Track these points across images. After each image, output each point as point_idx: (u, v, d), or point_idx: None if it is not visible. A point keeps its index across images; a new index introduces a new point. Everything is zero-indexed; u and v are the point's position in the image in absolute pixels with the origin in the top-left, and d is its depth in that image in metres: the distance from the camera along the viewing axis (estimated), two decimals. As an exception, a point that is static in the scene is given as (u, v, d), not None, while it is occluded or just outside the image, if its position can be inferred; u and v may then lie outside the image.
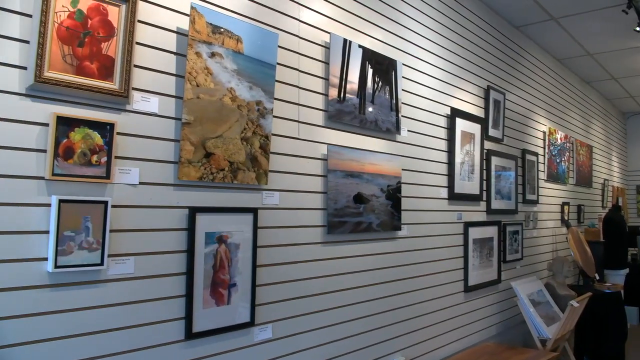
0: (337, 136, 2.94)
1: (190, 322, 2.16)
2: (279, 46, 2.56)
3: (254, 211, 2.42)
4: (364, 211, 3.04)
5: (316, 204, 2.79)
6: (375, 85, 3.19)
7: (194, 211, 2.18)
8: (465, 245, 4.18)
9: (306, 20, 2.80)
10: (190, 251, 2.17)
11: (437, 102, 3.90)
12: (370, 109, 3.13)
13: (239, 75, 2.33)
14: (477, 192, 4.34)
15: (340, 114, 2.93)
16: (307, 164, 2.75)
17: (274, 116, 2.53)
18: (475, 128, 4.33)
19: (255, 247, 2.42)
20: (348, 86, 2.98)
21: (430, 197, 3.76)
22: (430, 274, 3.72)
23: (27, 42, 1.76)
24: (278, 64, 2.54)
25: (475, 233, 4.29)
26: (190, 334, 2.16)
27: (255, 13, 2.51)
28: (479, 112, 4.48)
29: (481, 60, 4.57)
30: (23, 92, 1.76)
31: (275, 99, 2.53)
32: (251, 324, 2.41)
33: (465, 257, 4.17)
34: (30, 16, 1.77)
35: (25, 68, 1.76)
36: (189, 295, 2.17)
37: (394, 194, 3.28)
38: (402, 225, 3.38)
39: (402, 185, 3.39)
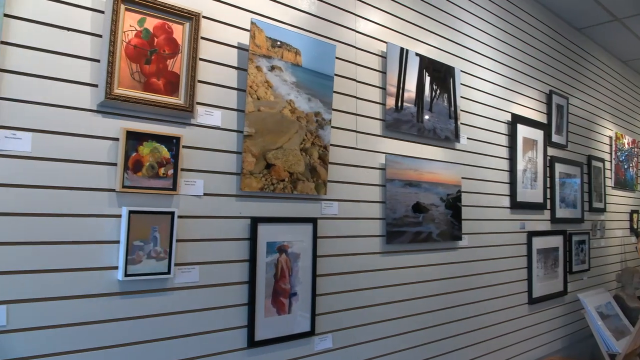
0: (395, 145, 2.92)
1: (252, 330, 2.19)
2: (337, 57, 2.58)
3: (313, 221, 2.43)
4: (423, 221, 2.99)
5: (375, 213, 2.78)
6: (433, 93, 3.15)
7: (255, 221, 2.21)
8: (529, 255, 4.03)
9: (363, 30, 2.80)
10: (252, 260, 2.21)
11: (497, 108, 3.80)
12: (428, 117, 3.09)
13: (297, 88, 2.36)
14: (540, 200, 4.19)
15: (398, 123, 2.91)
16: (365, 174, 2.74)
17: (332, 127, 2.54)
18: (537, 134, 4.19)
19: (315, 256, 2.43)
20: (405, 95, 2.96)
21: (492, 206, 3.66)
22: (492, 285, 3.61)
23: (97, 61, 1.86)
24: (336, 75, 2.56)
25: (539, 243, 4.14)
26: (252, 342, 2.19)
27: (312, 25, 2.54)
28: (541, 117, 4.34)
29: (542, 64, 4.42)
30: (95, 108, 1.85)
31: (333, 109, 2.54)
32: (311, 333, 2.41)
33: (529, 267, 4.02)
34: (100, 36, 1.87)
35: (96, 85, 1.85)
36: (251, 304, 2.20)
37: (453, 203, 3.21)
38: (462, 235, 3.30)
39: (462, 194, 3.32)
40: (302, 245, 2.39)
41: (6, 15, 1.67)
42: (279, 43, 2.29)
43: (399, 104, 2.92)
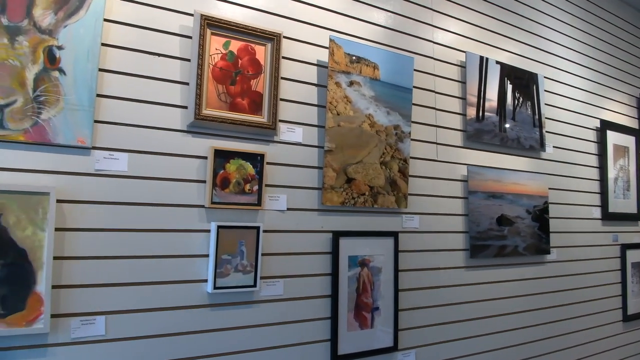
0: (477, 156, 2.84)
1: (335, 344, 2.19)
2: (415, 69, 2.55)
3: (394, 235, 2.40)
4: (508, 234, 2.88)
5: (457, 226, 2.71)
6: (516, 101, 3.03)
7: (337, 235, 2.22)
8: (623, 269, 3.76)
9: (440, 41, 2.76)
10: (334, 274, 2.21)
11: (585, 114, 3.60)
12: (511, 126, 2.98)
13: (376, 101, 2.35)
14: (634, 210, 3.91)
15: (480, 133, 2.82)
16: (446, 186, 2.68)
17: (412, 139, 2.51)
18: (629, 141, 3.92)
19: (396, 270, 2.39)
20: (487, 104, 2.87)
21: (581, 217, 3.46)
22: (583, 301, 3.40)
23: (186, 83, 1.95)
24: (414, 87, 2.53)
25: (634, 256, 3.86)
26: (335, 356, 2.19)
27: (390, 39, 2.53)
28: (632, 123, 4.06)
29: (631, 66, 4.15)
30: (185, 128, 1.94)
31: (413, 122, 2.51)
32: (394, 348, 2.38)
33: (624, 282, 3.75)
34: (188, 60, 1.96)
35: (186, 107, 1.94)
36: (334, 318, 2.20)
37: (540, 215, 3.07)
38: (550, 249, 3.14)
39: (549, 205, 3.16)
40: (384, 259, 2.37)
41: (103, 44, 1.79)
42: (357, 58, 2.30)
43: (480, 114, 2.83)
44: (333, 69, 2.22)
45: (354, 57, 2.29)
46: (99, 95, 1.77)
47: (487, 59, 2.90)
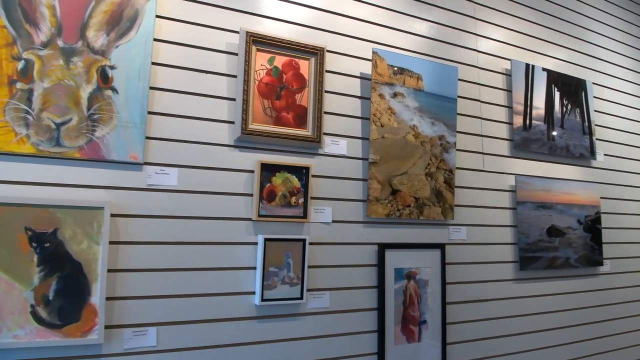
0: (524, 166, 2.76)
1: (382, 358, 2.15)
2: (459, 79, 2.51)
3: (441, 247, 2.36)
4: (559, 245, 2.78)
5: (506, 238, 2.63)
6: (564, 109, 2.94)
7: (383, 247, 2.19)
8: (684, 282, 3.57)
9: (485, 49, 2.71)
10: (380, 287, 2.18)
11: (637, 121, 3.45)
12: (559, 134, 2.89)
13: (420, 112, 2.33)
14: (694, 220, 3.71)
15: (527, 142, 2.75)
16: (494, 197, 2.61)
17: (457, 149, 2.47)
18: (687, 147, 3.73)
19: (444, 283, 2.34)
20: (534, 112, 2.80)
21: (636, 227, 3.31)
22: (638, 315, 3.23)
23: (233, 99, 1.98)
24: (459, 96, 2.49)
25: (695, 268, 3.65)
26: (383, 370, 2.16)
27: (433, 49, 2.50)
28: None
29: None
30: (232, 143, 1.97)
31: (458, 132, 2.47)
32: (443, 362, 2.33)
33: (685, 295, 3.56)
34: (234, 77, 1.99)
35: (232, 122, 1.97)
36: (380, 331, 2.17)
37: (592, 225, 2.95)
38: (603, 260, 3.01)
39: (602, 215, 3.04)
40: (430, 272, 2.32)
41: (153, 63, 1.84)
42: (400, 70, 2.29)
43: (527, 122, 2.76)
44: (376, 81, 2.22)
45: (397, 69, 2.28)
46: (150, 113, 1.82)
47: (533, 66, 2.83)
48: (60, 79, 1.68)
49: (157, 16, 1.85)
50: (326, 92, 2.15)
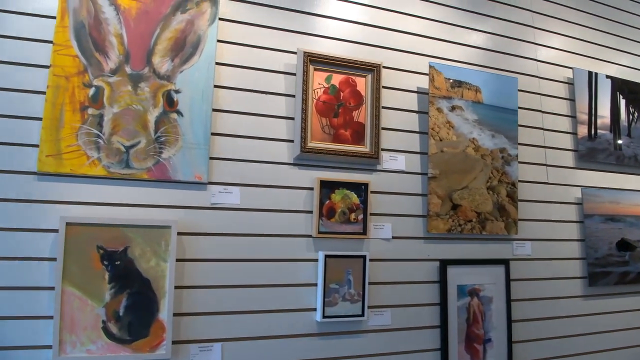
0: (590, 177, 2.63)
1: (446, 377, 2.09)
2: (519, 89, 2.44)
3: (505, 262, 2.27)
4: (630, 259, 2.62)
5: (573, 253, 2.51)
6: (631, 117, 2.80)
7: (444, 264, 2.14)
8: None
9: (544, 58, 2.62)
10: (443, 304, 2.12)
11: None
12: (626, 143, 2.74)
13: (480, 125, 2.27)
14: None
15: (593, 152, 2.62)
16: (559, 210, 2.50)
17: (520, 162, 2.38)
18: None
19: (509, 300, 2.25)
20: (599, 121, 2.67)
21: None
22: None
23: (292, 118, 2.00)
24: (519, 107, 2.41)
25: None
26: (447, 390, 2.09)
27: (491, 61, 2.44)
28: None
29: None
30: (291, 161, 1.98)
31: (520, 144, 2.39)
32: (510, 382, 2.23)
33: None
34: (293, 96, 2.01)
35: (292, 141, 1.99)
36: (443, 350, 2.10)
37: (667, 239, 2.77)
38: (681, 275, 2.82)
39: (678, 227, 2.85)
40: (495, 288, 2.24)
41: (215, 86, 1.89)
42: (458, 83, 2.25)
43: (593, 132, 2.64)
44: (434, 95, 2.18)
45: (454, 82, 2.24)
46: (213, 134, 1.86)
47: (596, 73, 2.71)
48: (128, 104, 1.75)
49: (219, 40, 1.90)
50: (383, 107, 2.13)
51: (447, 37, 2.35)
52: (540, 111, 2.54)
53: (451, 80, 2.23)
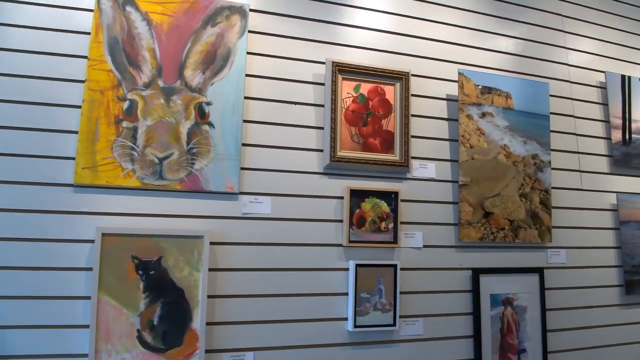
0: (626, 183, 2.56)
1: (480, 387, 2.05)
2: (550, 95, 2.39)
3: (539, 271, 2.22)
4: (670, 267, 2.53)
5: (609, 260, 2.44)
6: (668, 121, 2.71)
7: (477, 272, 2.10)
8: None
9: (576, 63, 2.57)
10: (476, 314, 2.08)
11: None
12: (664, 149, 2.66)
13: (511, 131, 2.23)
14: None
15: (628, 157, 2.55)
16: (594, 217, 2.44)
17: (552, 168, 2.33)
18: None
19: (543, 309, 2.20)
20: (633, 125, 2.60)
21: None
22: None
23: (321, 128, 2.00)
24: (551, 113, 2.36)
25: None
26: (481, 401, 2.04)
27: (521, 66, 2.40)
28: None
29: None
30: (321, 171, 1.98)
31: (552, 150, 2.34)
32: (546, 394, 2.17)
33: None
34: (322, 106, 2.01)
35: (321, 150, 1.98)
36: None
37: None
38: None
39: None
40: (529, 298, 2.19)
41: (246, 97, 1.90)
42: (488, 89, 2.21)
43: (627, 137, 2.57)
44: (463, 101, 2.15)
45: (484, 88, 2.20)
46: (244, 145, 1.87)
47: (629, 77, 2.64)
48: (161, 116, 1.77)
49: (248, 53, 1.92)
50: (412, 115, 2.12)
51: (475, 44, 2.32)
52: (572, 116, 2.48)
53: (481, 87, 2.20)
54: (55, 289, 1.65)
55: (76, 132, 1.71)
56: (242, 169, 1.87)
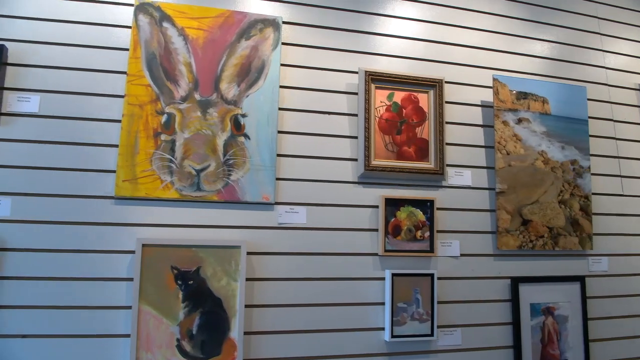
0: (670, 188, 2.47)
1: (522, 399, 1.99)
2: (588, 99, 2.32)
3: (580, 279, 2.15)
4: None
5: (654, 268, 2.35)
6: None
7: (516, 281, 2.04)
8: None
9: (613, 65, 2.49)
10: (515, 323, 2.03)
11: None
12: None
13: (549, 137, 2.17)
14: None
15: (671, 161, 2.45)
16: (637, 223, 2.35)
17: (592, 174, 2.26)
18: None
19: (585, 319, 2.12)
20: (676, 129, 2.50)
21: None
22: None
23: (355, 137, 1.99)
24: (589, 117, 2.29)
25: None
26: (523, 413, 1.98)
27: (557, 71, 2.34)
28: None
29: None
30: (356, 180, 1.96)
31: (592, 155, 2.27)
32: (590, 406, 2.09)
33: None
34: (355, 115, 2.00)
35: (355, 160, 1.97)
36: (518, 370, 2.01)
37: None
38: None
39: None
40: (570, 307, 2.12)
41: (280, 109, 1.90)
42: (523, 94, 2.17)
43: (670, 140, 2.47)
44: (499, 107, 2.11)
45: (520, 94, 2.16)
46: (278, 155, 1.88)
47: (671, 78, 2.55)
48: (198, 129, 1.79)
49: (282, 64, 1.93)
50: (447, 123, 2.09)
51: (510, 49, 2.28)
52: (611, 120, 2.41)
53: (516, 92, 2.15)
54: (97, 299, 1.68)
55: (116, 146, 1.74)
56: (278, 179, 1.87)
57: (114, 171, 1.73)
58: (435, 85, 2.04)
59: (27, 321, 1.64)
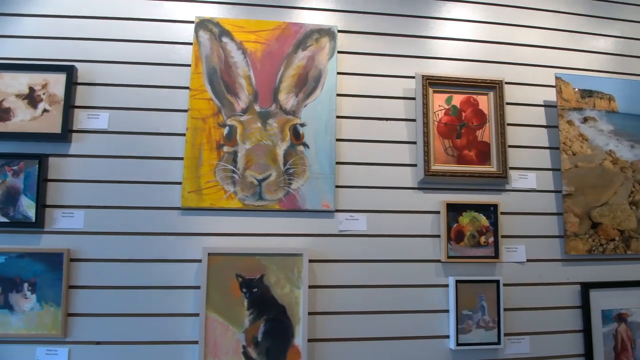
0: None
1: (596, 410, 1.89)
2: (658, 95, 2.19)
3: (656, 284, 2.03)
4: None
5: None
6: None
7: (586, 287, 1.95)
8: None
9: (685, 58, 2.34)
10: (586, 331, 1.93)
11: None
12: None
13: (617, 136, 2.06)
14: None
15: None
16: None
17: (666, 173, 2.13)
18: None
19: (663, 326, 2.00)
20: None
21: None
22: None
23: (414, 142, 1.95)
24: (660, 114, 2.17)
25: None
26: None
27: (623, 66, 2.22)
28: None
29: None
30: (415, 186, 1.93)
31: (664, 153, 2.14)
32: (671, 419, 1.96)
33: None
34: (413, 120, 1.96)
35: (415, 165, 1.94)
36: (591, 380, 1.91)
37: None
38: None
39: None
40: (646, 313, 2.00)
41: (337, 117, 1.90)
42: (588, 92, 2.07)
43: None
44: (563, 107, 2.02)
45: (584, 92, 2.06)
46: (337, 163, 1.87)
47: None
48: (259, 140, 1.81)
49: (338, 73, 1.92)
50: (508, 124, 2.02)
51: (572, 46, 2.18)
52: (685, 116, 2.26)
53: (580, 91, 2.06)
54: (166, 307, 1.72)
55: (181, 159, 1.79)
56: (337, 187, 1.86)
57: (179, 183, 1.78)
58: (495, 86, 1.98)
59: (101, 328, 1.70)
